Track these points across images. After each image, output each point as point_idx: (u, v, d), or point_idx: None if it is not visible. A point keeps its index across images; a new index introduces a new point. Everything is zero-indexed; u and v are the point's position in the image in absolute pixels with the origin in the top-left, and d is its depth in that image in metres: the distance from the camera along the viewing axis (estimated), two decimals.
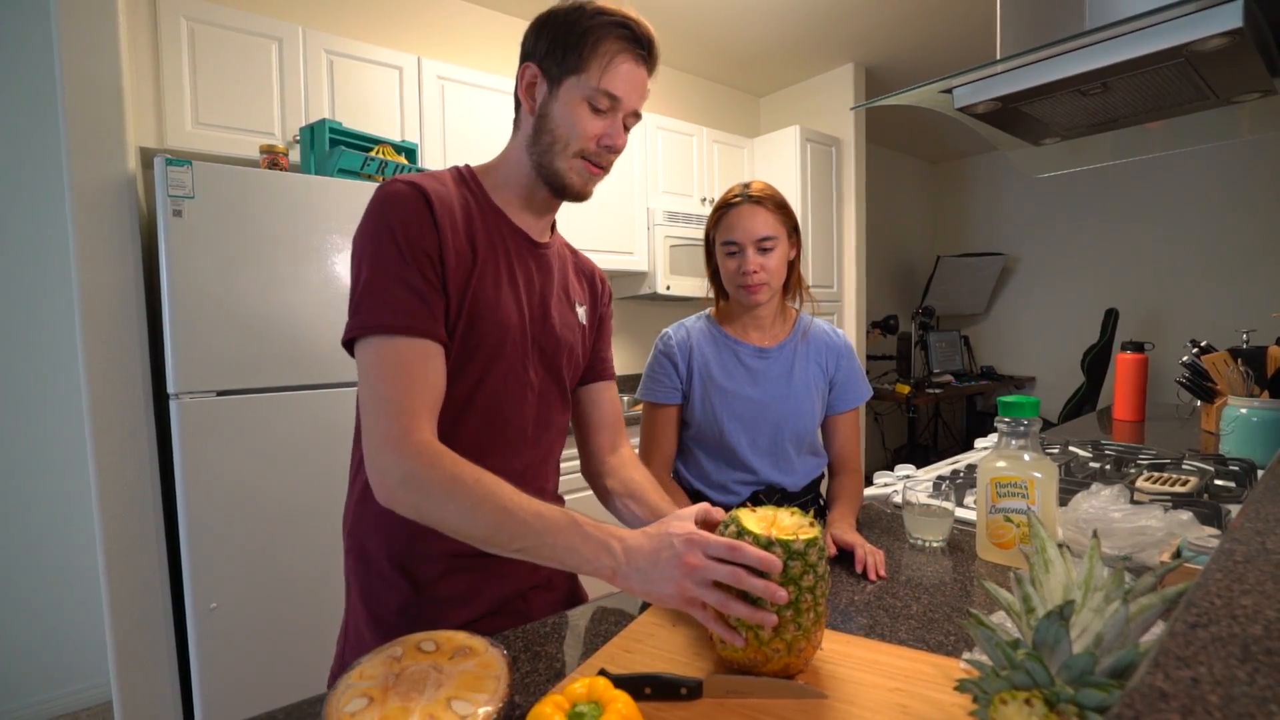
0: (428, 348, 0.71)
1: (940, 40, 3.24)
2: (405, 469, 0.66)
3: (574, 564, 0.65)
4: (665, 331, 1.26)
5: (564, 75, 0.77)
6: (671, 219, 3.01)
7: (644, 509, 0.90)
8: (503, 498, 0.66)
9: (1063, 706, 0.42)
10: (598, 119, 0.78)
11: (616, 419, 1.00)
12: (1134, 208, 4.34)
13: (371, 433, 0.68)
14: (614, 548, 0.64)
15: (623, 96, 0.77)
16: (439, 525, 0.66)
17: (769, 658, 0.60)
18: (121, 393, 1.62)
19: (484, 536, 0.65)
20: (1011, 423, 0.93)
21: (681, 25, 3.03)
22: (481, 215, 0.80)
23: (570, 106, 0.77)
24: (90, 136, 1.58)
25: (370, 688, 0.54)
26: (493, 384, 0.80)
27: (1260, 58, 0.94)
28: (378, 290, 0.70)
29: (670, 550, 0.62)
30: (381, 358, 0.69)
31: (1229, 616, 0.33)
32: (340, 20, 2.40)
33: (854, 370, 1.27)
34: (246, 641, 1.64)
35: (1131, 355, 2.07)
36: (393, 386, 0.68)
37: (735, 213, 1.15)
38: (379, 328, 0.70)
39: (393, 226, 0.71)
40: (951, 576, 0.90)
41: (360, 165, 1.91)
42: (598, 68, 0.76)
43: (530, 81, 0.79)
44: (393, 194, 0.73)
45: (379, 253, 0.71)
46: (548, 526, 0.65)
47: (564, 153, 0.78)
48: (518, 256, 0.83)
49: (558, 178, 0.80)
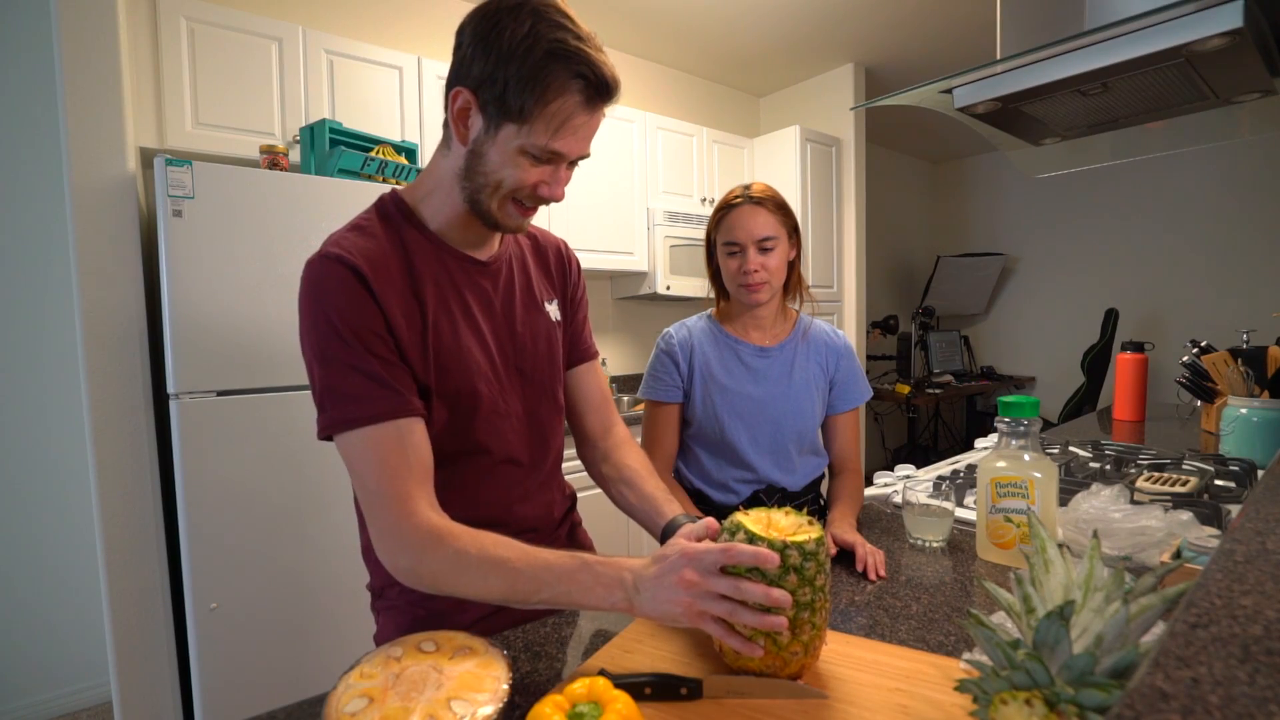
0: (401, 426, 0.69)
1: (940, 40, 3.24)
2: (411, 557, 0.67)
3: (591, 604, 0.65)
4: (667, 331, 1.27)
5: (504, 120, 0.68)
6: (671, 219, 3.01)
7: (637, 495, 0.89)
8: (510, 560, 0.66)
9: (1063, 707, 0.42)
10: (537, 168, 0.71)
11: (605, 399, 0.98)
12: (1134, 208, 4.34)
13: (372, 525, 0.69)
14: (625, 580, 0.64)
15: (568, 153, 0.71)
16: (460, 596, 0.68)
17: (787, 661, 0.60)
18: (121, 393, 1.62)
19: (502, 599, 0.66)
20: (1011, 423, 0.93)
21: (681, 25, 3.03)
22: (421, 253, 0.76)
23: (507, 155, 0.70)
24: (90, 136, 1.58)
25: (370, 688, 0.54)
26: (478, 427, 0.79)
27: (1260, 58, 0.94)
28: (334, 386, 0.69)
29: (671, 570, 0.61)
30: (360, 450, 0.69)
31: (1229, 617, 0.33)
32: (340, 20, 2.40)
33: (854, 370, 1.27)
34: (246, 641, 1.64)
35: (1131, 355, 2.07)
36: (378, 478, 0.68)
37: (736, 213, 1.15)
38: (347, 423, 0.68)
39: (330, 315, 0.68)
40: (951, 576, 0.90)
41: (360, 165, 1.91)
42: (545, 126, 0.67)
43: (463, 108, 0.70)
44: (321, 278, 0.69)
45: (324, 346, 0.69)
46: (559, 576, 0.65)
47: (495, 195, 0.73)
48: (468, 285, 0.79)
49: (488, 217, 0.75)
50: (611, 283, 3.27)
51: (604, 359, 3.22)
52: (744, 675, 0.61)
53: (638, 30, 3.07)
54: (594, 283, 3.21)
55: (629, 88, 3.30)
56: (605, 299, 3.27)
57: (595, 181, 2.80)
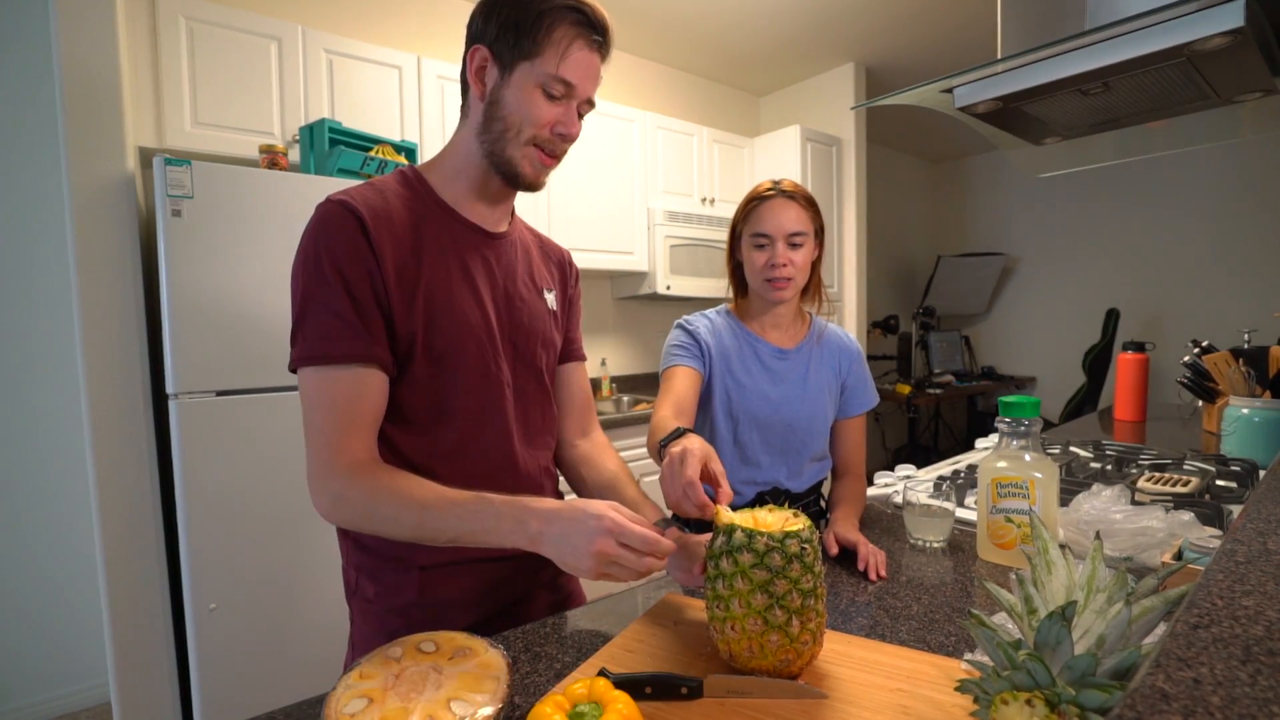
0: (360, 374, 0.71)
1: (940, 40, 3.24)
2: (334, 490, 0.70)
3: (494, 542, 0.67)
4: (685, 317, 1.25)
5: (517, 60, 0.74)
6: (672, 219, 3.01)
7: (617, 499, 0.88)
8: (420, 496, 0.68)
9: (1064, 707, 0.42)
10: (552, 106, 0.76)
11: (586, 402, 0.99)
12: (1135, 207, 4.34)
13: (308, 459, 0.72)
14: (527, 520, 0.65)
15: (578, 84, 0.76)
16: (378, 534, 0.71)
17: (800, 653, 0.60)
18: (121, 393, 1.62)
19: (413, 536, 0.69)
20: (1012, 423, 0.93)
21: (682, 25, 3.03)
22: (428, 217, 0.79)
23: (524, 92, 0.75)
24: (89, 136, 1.58)
25: (370, 688, 0.54)
26: (465, 388, 0.79)
27: (1262, 57, 0.94)
28: (309, 321, 0.71)
29: (585, 531, 0.63)
30: (315, 389, 0.72)
31: (1230, 617, 0.33)
32: (340, 20, 2.40)
33: (864, 376, 1.27)
34: (246, 641, 1.64)
35: (1133, 355, 2.07)
36: (324, 416, 0.71)
37: (767, 205, 1.14)
38: (312, 359, 0.71)
39: (321, 253, 0.71)
40: (952, 577, 0.90)
41: (360, 165, 1.91)
42: (554, 54, 0.74)
43: (480, 66, 0.76)
44: (324, 217, 0.73)
45: (309, 281, 0.72)
46: (462, 514, 0.67)
47: (516, 140, 0.76)
48: (473, 252, 0.81)
49: (509, 165, 0.78)
50: (611, 283, 3.27)
51: (604, 359, 3.21)
52: (746, 675, 0.61)
53: (638, 30, 3.07)
54: (594, 283, 3.21)
55: (629, 87, 3.31)
56: (605, 299, 3.27)
57: (595, 181, 2.80)
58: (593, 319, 3.21)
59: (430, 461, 0.77)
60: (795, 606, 0.59)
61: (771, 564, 0.60)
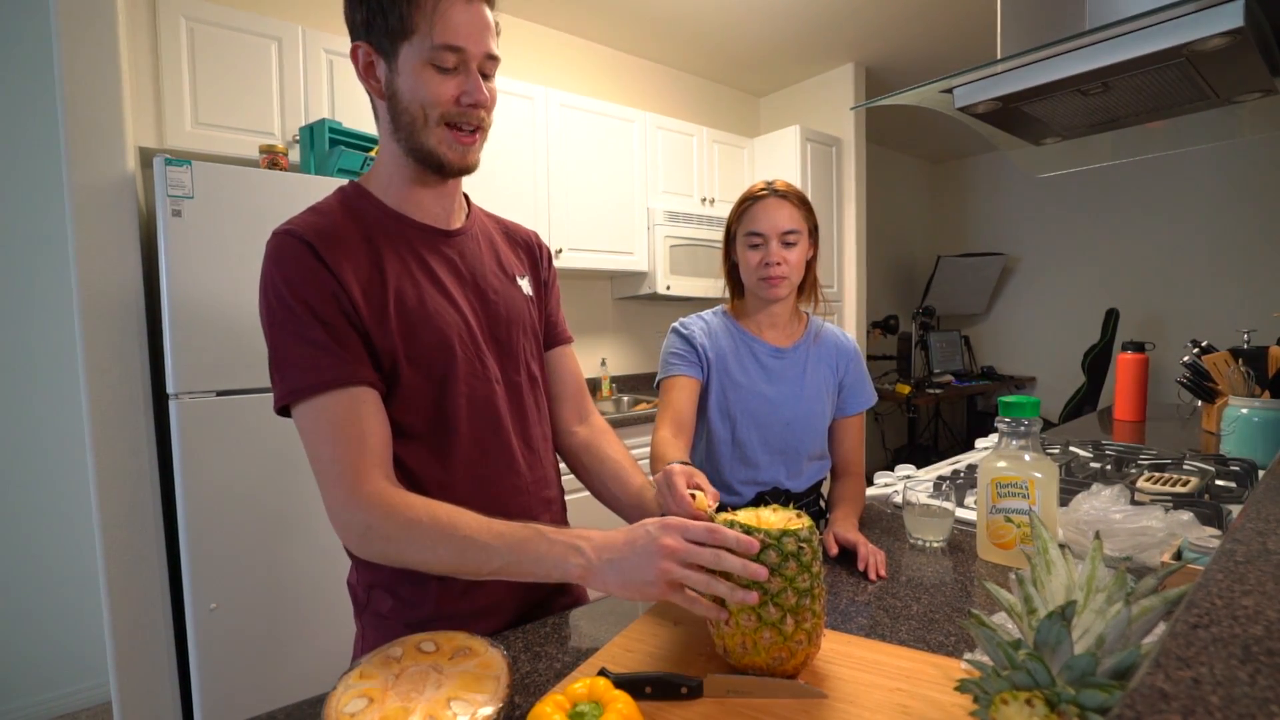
0: (354, 395, 0.69)
1: (940, 40, 3.24)
2: (362, 524, 0.67)
3: (544, 573, 0.65)
4: (681, 320, 1.25)
5: (396, 44, 0.70)
6: (671, 219, 3.01)
7: (622, 488, 0.88)
8: (461, 527, 0.65)
9: (1064, 707, 0.42)
10: (447, 78, 0.71)
11: (579, 386, 0.97)
12: (1135, 207, 4.34)
13: (325, 496, 0.68)
14: (582, 547, 0.64)
15: (465, 45, 0.70)
16: (411, 566, 0.67)
17: (794, 652, 0.60)
18: (121, 393, 1.62)
19: (454, 568, 0.66)
20: (1012, 423, 0.93)
21: (682, 25, 3.03)
22: (379, 228, 0.76)
23: (414, 75, 0.70)
24: (89, 136, 1.58)
25: (370, 688, 0.54)
26: (455, 392, 0.77)
27: (1261, 57, 0.94)
28: (285, 355, 0.69)
29: (647, 537, 0.62)
30: (312, 421, 0.69)
31: (1230, 617, 0.33)
32: (340, 20, 2.39)
33: (861, 375, 1.27)
34: (246, 642, 1.64)
35: (1132, 355, 2.07)
36: (332, 446, 0.68)
37: (761, 205, 1.15)
38: (299, 393, 0.68)
39: (281, 287, 0.69)
40: (952, 577, 0.90)
41: (360, 165, 1.91)
42: (425, 23, 0.68)
43: (367, 63, 0.73)
44: (274, 251, 0.70)
45: (275, 316, 0.69)
46: (511, 544, 0.65)
47: (426, 127, 0.72)
48: (433, 253, 0.79)
49: (431, 155, 0.74)
50: (611, 283, 3.27)
51: (604, 359, 3.21)
52: (745, 674, 0.61)
53: (638, 30, 3.07)
54: (594, 283, 3.21)
55: (629, 87, 3.31)
56: (605, 299, 3.27)
57: (595, 181, 2.80)
58: (593, 319, 3.21)
59: (435, 472, 0.76)
60: (790, 604, 0.59)
61: (767, 560, 0.60)
